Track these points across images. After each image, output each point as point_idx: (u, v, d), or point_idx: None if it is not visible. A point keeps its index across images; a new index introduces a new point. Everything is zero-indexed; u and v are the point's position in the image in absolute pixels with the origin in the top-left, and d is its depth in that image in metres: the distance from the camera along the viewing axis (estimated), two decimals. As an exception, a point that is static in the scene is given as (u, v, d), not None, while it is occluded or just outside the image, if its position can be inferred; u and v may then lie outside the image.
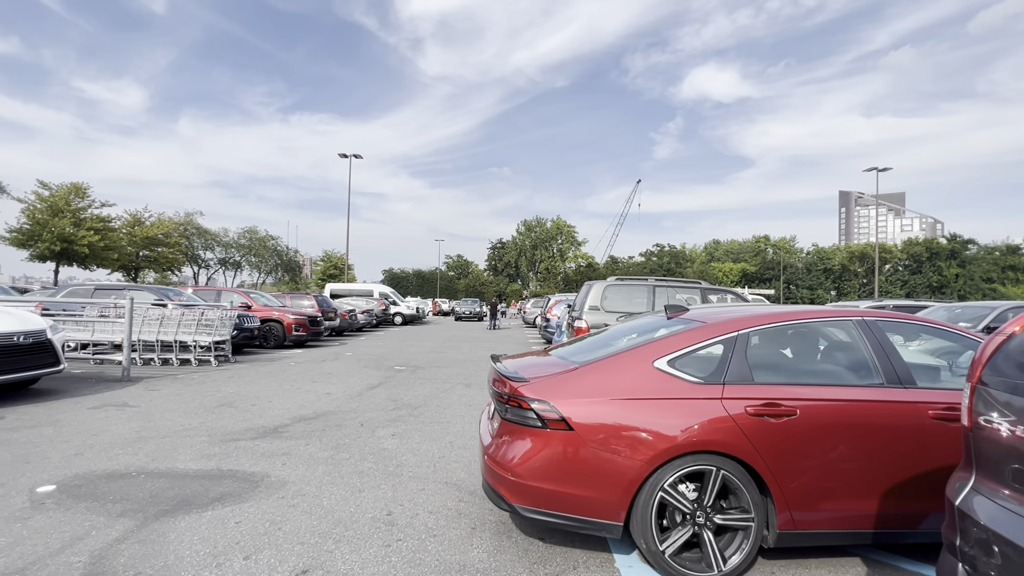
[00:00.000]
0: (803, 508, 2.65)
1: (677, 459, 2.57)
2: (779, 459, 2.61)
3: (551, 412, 2.63)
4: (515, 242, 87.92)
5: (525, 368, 3.02)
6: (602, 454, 2.57)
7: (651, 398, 2.67)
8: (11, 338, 6.19)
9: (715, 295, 9.72)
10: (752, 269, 73.32)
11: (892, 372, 2.86)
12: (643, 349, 2.90)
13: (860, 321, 3.06)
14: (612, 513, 2.57)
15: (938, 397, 2.80)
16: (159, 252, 47.59)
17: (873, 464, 2.69)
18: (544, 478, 2.60)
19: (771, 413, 2.65)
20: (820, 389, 2.78)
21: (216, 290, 16.85)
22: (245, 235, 65.75)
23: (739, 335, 2.90)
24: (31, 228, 37.55)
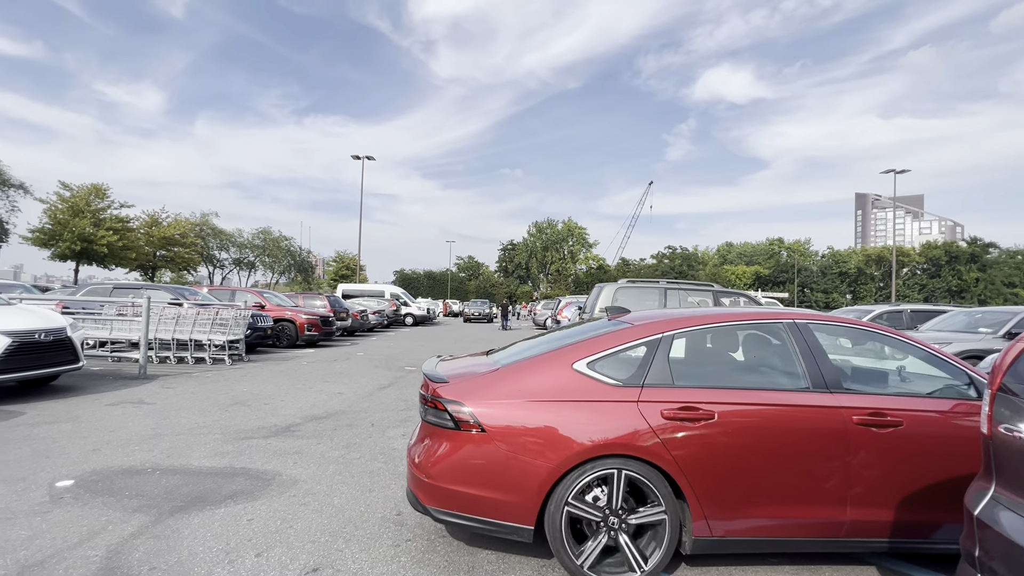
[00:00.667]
0: (720, 514, 2.59)
1: (589, 462, 2.52)
2: (695, 464, 2.55)
3: (464, 413, 2.59)
4: (526, 244, 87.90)
5: (453, 370, 2.96)
6: (513, 456, 2.53)
7: (567, 400, 2.63)
8: (33, 335, 6.34)
9: (727, 298, 9.63)
10: (765, 272, 72.48)
11: (819, 376, 2.76)
12: (564, 351, 2.85)
13: (791, 324, 2.96)
14: (523, 517, 2.53)
15: (865, 402, 2.70)
16: (175, 252, 48.38)
17: (793, 470, 2.62)
18: (456, 480, 2.57)
19: (688, 417, 2.59)
20: (741, 393, 2.71)
21: (230, 290, 17.09)
22: (259, 236, 66.63)
23: (663, 337, 2.85)
24: (52, 228, 38.41)
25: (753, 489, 2.60)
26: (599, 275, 71.15)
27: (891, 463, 2.64)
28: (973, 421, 2.70)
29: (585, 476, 2.52)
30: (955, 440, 2.68)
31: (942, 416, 2.72)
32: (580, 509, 2.53)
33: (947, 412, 2.73)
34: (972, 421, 2.70)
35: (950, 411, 2.73)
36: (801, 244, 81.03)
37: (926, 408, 2.72)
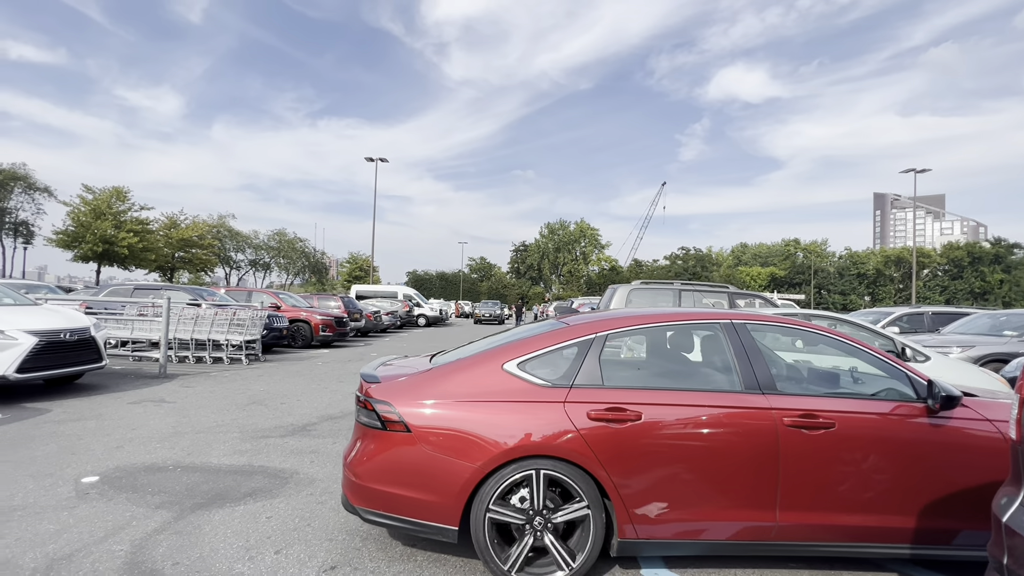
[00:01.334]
0: (645, 516, 2.56)
1: (513, 463, 2.51)
2: (620, 465, 2.53)
3: (391, 413, 2.60)
4: (538, 245, 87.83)
5: (390, 371, 2.94)
6: (437, 457, 2.53)
7: (494, 401, 2.61)
8: (58, 335, 6.51)
9: (743, 299, 9.53)
10: (781, 273, 71.49)
11: (752, 377, 2.72)
12: (497, 351, 2.83)
13: (728, 324, 2.91)
14: (447, 517, 2.52)
15: (797, 403, 2.65)
16: (193, 253, 49.24)
17: (722, 473, 2.58)
18: (383, 480, 2.58)
19: (615, 418, 2.56)
20: (671, 394, 2.67)
21: (247, 291, 17.34)
22: (274, 237, 67.55)
23: (595, 337, 2.81)
24: (76, 230, 39.35)
25: (680, 491, 2.57)
26: (611, 276, 70.81)
27: (824, 465, 2.59)
28: (910, 422, 2.65)
29: (509, 477, 2.51)
30: (891, 441, 2.62)
31: (878, 417, 2.66)
32: (501, 514, 2.52)
33: (883, 413, 2.67)
34: (909, 422, 2.65)
35: (887, 412, 2.68)
36: (818, 245, 79.72)
37: (860, 409, 2.67)
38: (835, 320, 6.30)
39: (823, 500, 2.59)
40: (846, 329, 6.31)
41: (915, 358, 5.76)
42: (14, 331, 6.09)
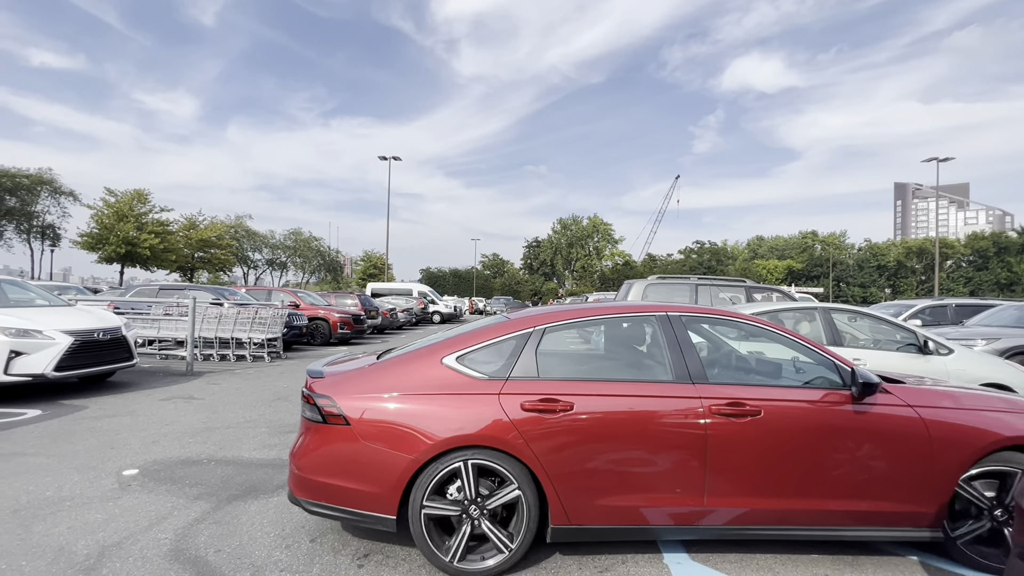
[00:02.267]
0: (577, 503, 2.64)
1: (448, 454, 2.58)
2: (552, 455, 2.61)
3: (332, 407, 2.67)
4: (551, 240, 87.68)
5: (337, 367, 3.00)
6: (375, 449, 2.59)
7: (432, 394, 2.68)
8: (92, 334, 6.75)
9: (760, 293, 9.47)
10: (799, 266, 70.42)
11: (683, 368, 2.81)
12: (437, 346, 2.90)
13: (663, 317, 3.00)
14: (385, 507, 2.59)
15: (725, 392, 2.74)
16: (212, 254, 50.21)
17: (652, 460, 2.67)
18: (324, 472, 2.64)
19: (547, 409, 2.64)
20: (603, 385, 2.76)
21: (267, 290, 17.68)
22: (290, 236, 68.49)
23: (533, 331, 2.90)
24: (99, 232, 40.39)
25: (611, 478, 2.65)
26: (625, 271, 70.45)
27: (750, 451, 2.68)
28: (834, 408, 2.75)
29: (443, 468, 2.58)
30: (815, 427, 2.72)
31: (804, 404, 2.76)
32: (435, 507, 2.59)
33: (809, 400, 2.77)
34: (833, 408, 2.75)
35: (812, 399, 2.78)
36: (836, 237, 78.31)
37: (787, 397, 2.77)
38: (855, 313, 6.26)
39: (750, 485, 2.70)
40: (866, 322, 6.26)
41: (938, 351, 5.70)
42: (52, 331, 6.34)
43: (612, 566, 2.75)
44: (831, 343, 5.75)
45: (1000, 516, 2.74)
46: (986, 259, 61.82)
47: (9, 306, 6.91)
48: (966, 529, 2.78)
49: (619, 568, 2.73)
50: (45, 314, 6.79)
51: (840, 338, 5.81)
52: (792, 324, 6.27)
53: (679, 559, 2.84)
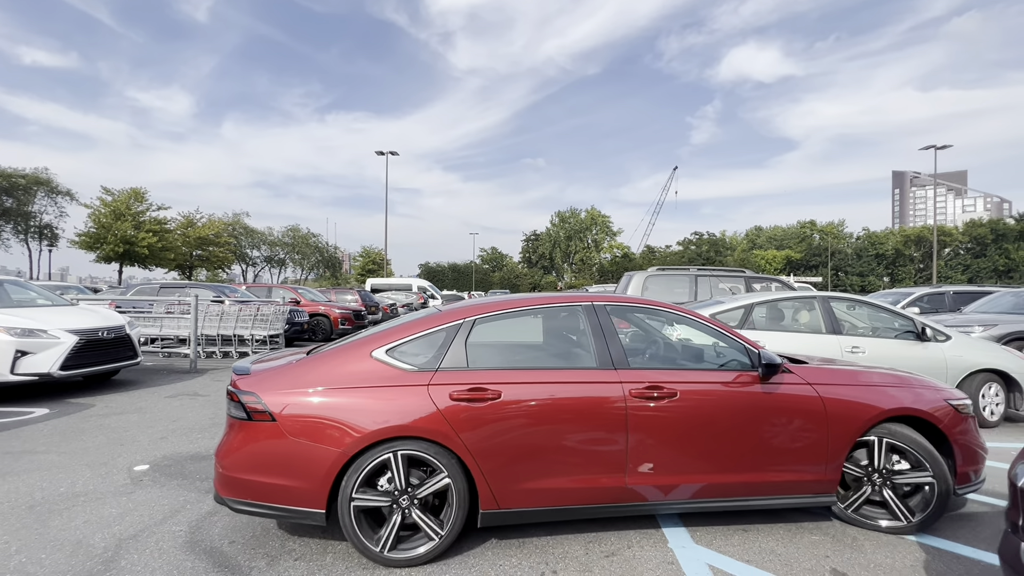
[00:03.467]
0: (506, 487, 2.72)
1: (377, 446, 2.61)
2: (481, 442, 2.68)
3: (256, 403, 2.65)
4: (549, 234, 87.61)
5: (265, 363, 2.97)
6: (302, 444, 2.59)
7: (360, 387, 2.69)
8: (97, 333, 6.79)
9: (759, 283, 9.53)
10: (797, 256, 70.48)
11: (606, 355, 2.96)
12: (367, 339, 2.92)
13: (588, 306, 3.13)
14: (313, 502, 2.59)
15: (644, 377, 2.91)
16: (210, 251, 50.12)
17: (577, 443, 2.79)
18: (250, 470, 2.62)
19: (476, 398, 2.71)
20: (530, 373, 2.85)
21: (267, 287, 17.70)
22: (288, 233, 68.37)
23: (463, 323, 2.96)
24: (97, 231, 40.26)
25: (538, 462, 2.75)
26: (624, 263, 70.51)
27: (667, 431, 2.86)
28: (743, 388, 2.98)
29: (373, 460, 2.60)
30: (726, 406, 2.94)
31: (716, 385, 2.97)
32: (364, 500, 2.61)
33: (721, 382, 2.98)
34: (743, 388, 2.98)
35: (724, 381, 2.99)
36: (834, 226, 78.32)
37: (701, 379, 2.98)
38: (853, 302, 6.32)
39: (668, 462, 2.87)
40: (865, 310, 6.32)
41: (935, 338, 5.76)
42: (56, 331, 6.38)
43: (618, 551, 2.82)
44: (830, 331, 5.81)
45: (879, 480, 3.08)
46: (984, 246, 61.93)
47: (12, 306, 6.94)
48: (854, 493, 3.12)
49: (624, 553, 2.80)
50: (49, 314, 6.82)
51: (839, 326, 5.87)
52: (791, 313, 6.33)
53: (683, 543, 2.91)
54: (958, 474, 3.09)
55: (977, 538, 3.01)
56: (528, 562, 2.70)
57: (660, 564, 2.69)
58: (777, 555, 2.80)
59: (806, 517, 3.26)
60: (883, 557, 2.79)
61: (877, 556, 2.80)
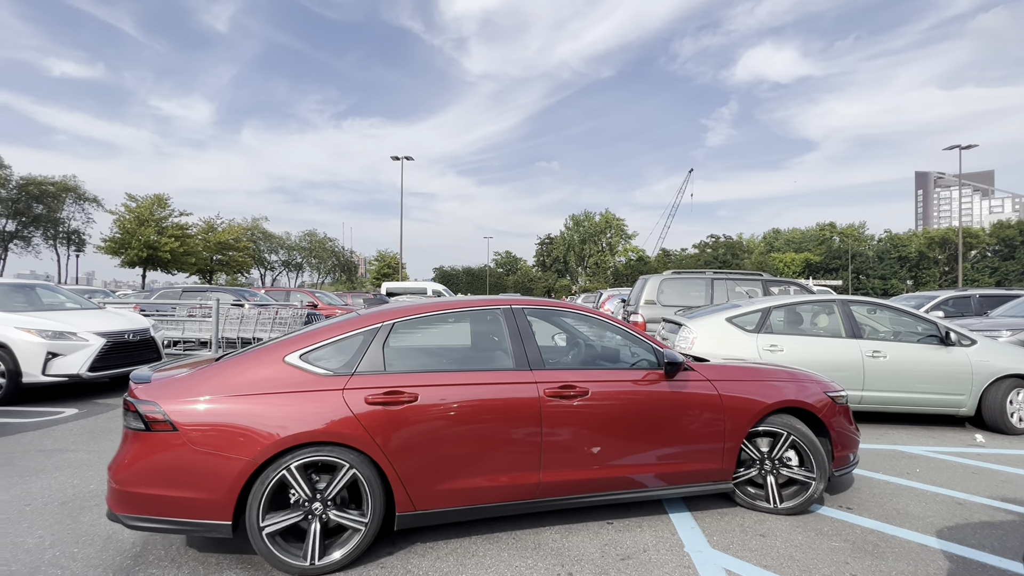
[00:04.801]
0: (422, 489, 2.73)
1: (287, 453, 2.54)
2: (396, 444, 2.67)
3: (156, 413, 2.51)
4: (563, 237, 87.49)
5: (167, 371, 2.85)
6: (206, 454, 2.48)
7: (271, 393, 2.61)
8: (123, 336, 7.00)
9: (777, 287, 9.41)
10: (816, 259, 69.25)
11: (523, 356, 3.03)
12: (280, 344, 2.85)
13: (507, 309, 3.21)
14: (219, 514, 2.49)
15: (557, 377, 3.01)
16: (230, 256, 51.13)
17: (492, 442, 2.84)
18: (147, 483, 2.48)
19: (392, 401, 2.71)
20: (447, 375, 2.88)
21: (285, 290, 18.02)
22: (305, 238, 69.41)
23: (381, 327, 2.95)
24: (122, 237, 41.38)
25: (455, 463, 2.78)
26: (639, 267, 70.04)
27: (579, 428, 2.98)
28: (651, 385, 3.16)
29: (284, 468, 2.53)
30: (635, 402, 3.10)
31: (625, 383, 3.13)
32: (275, 523, 2.52)
33: (630, 380, 3.15)
34: (650, 385, 3.16)
35: (634, 379, 3.16)
36: (855, 228, 76.78)
37: (611, 378, 3.12)
38: (874, 305, 6.21)
39: (580, 458, 2.98)
40: (886, 314, 6.21)
41: (960, 342, 5.64)
42: (85, 333, 6.58)
43: (633, 554, 2.82)
44: (850, 335, 5.72)
45: (769, 467, 3.35)
46: (1013, 248, 60.08)
47: (44, 309, 7.19)
48: (744, 478, 3.38)
49: (640, 556, 2.80)
50: (78, 316, 7.05)
51: (859, 330, 5.78)
52: (810, 317, 6.25)
53: (699, 547, 2.90)
54: (836, 458, 3.44)
55: (1004, 547, 2.94)
56: (544, 564, 2.71)
57: (676, 568, 2.68)
58: (796, 561, 2.77)
59: (825, 524, 3.22)
60: (906, 565, 2.74)
61: (900, 564, 2.75)
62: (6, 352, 6.20)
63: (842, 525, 3.21)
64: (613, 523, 3.19)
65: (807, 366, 5.60)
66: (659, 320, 7.81)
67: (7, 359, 6.19)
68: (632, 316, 8.90)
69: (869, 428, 5.68)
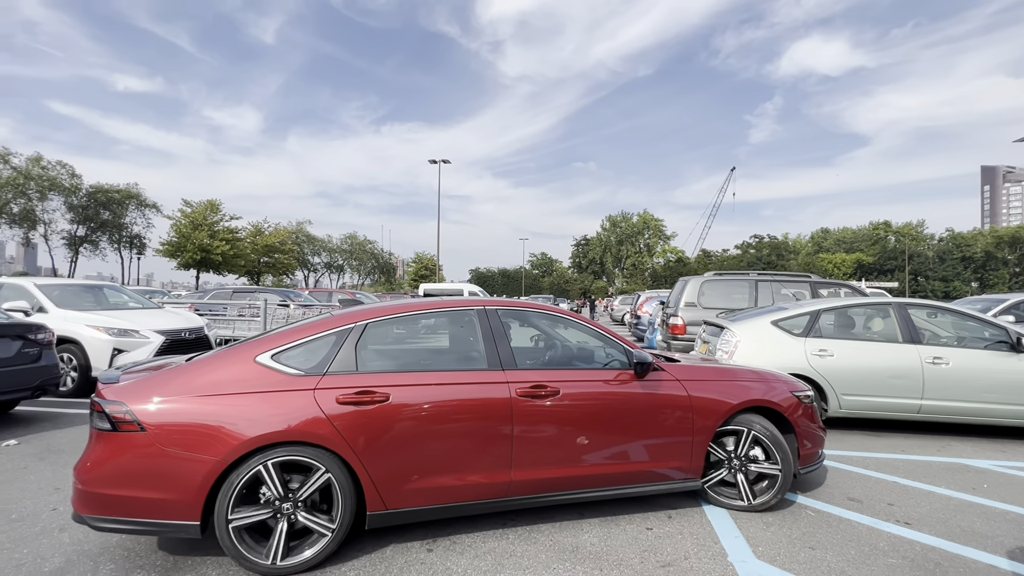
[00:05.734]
0: (393, 488, 2.72)
1: (258, 453, 2.52)
2: (367, 444, 2.66)
3: (123, 413, 2.48)
4: (600, 238, 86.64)
5: (136, 373, 2.80)
6: (174, 454, 2.45)
7: (240, 393, 2.59)
8: (180, 334, 7.41)
9: (827, 289, 9.00)
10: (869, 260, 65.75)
11: (495, 357, 3.05)
12: (250, 345, 2.83)
13: (480, 311, 3.22)
14: (187, 514, 2.46)
15: (529, 377, 3.03)
16: (276, 258, 53.32)
17: (463, 442, 2.84)
18: (114, 484, 2.45)
19: (363, 400, 2.70)
20: (419, 375, 2.89)
21: (328, 291, 18.62)
22: (346, 241, 71.61)
23: (353, 327, 2.94)
24: (178, 241, 43.85)
25: (427, 462, 2.78)
26: (678, 268, 68.42)
27: (549, 427, 3.00)
28: (622, 385, 3.19)
29: (256, 467, 2.51)
30: (606, 402, 3.13)
31: (598, 383, 3.16)
32: (243, 517, 2.51)
33: (602, 380, 3.18)
34: (621, 385, 3.19)
35: (606, 379, 3.19)
36: (913, 227, 72.35)
37: (582, 378, 3.15)
38: (935, 309, 5.83)
39: (551, 456, 3.01)
40: (949, 318, 5.83)
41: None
42: (147, 331, 7.02)
43: (674, 561, 2.76)
44: (907, 340, 5.40)
45: (737, 465, 3.40)
46: (1094, 248, 55.19)
47: (110, 308, 7.71)
48: (716, 479, 3.43)
49: (681, 564, 2.73)
50: (139, 315, 7.51)
51: (918, 335, 5.45)
52: (863, 321, 5.94)
53: (744, 557, 2.80)
54: (802, 455, 3.50)
55: None
56: (582, 567, 2.69)
57: (719, 578, 2.60)
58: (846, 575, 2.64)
59: (881, 539, 3.05)
60: None
61: (964, 585, 2.57)
62: (78, 348, 6.69)
63: (900, 541, 3.03)
64: (653, 529, 3.13)
65: (860, 372, 5.34)
66: (699, 323, 7.61)
67: (78, 354, 6.67)
68: (671, 319, 8.71)
69: (929, 439, 5.35)
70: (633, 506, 3.46)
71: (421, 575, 2.60)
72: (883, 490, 3.87)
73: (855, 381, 5.37)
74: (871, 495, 3.76)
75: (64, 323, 6.81)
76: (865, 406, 5.38)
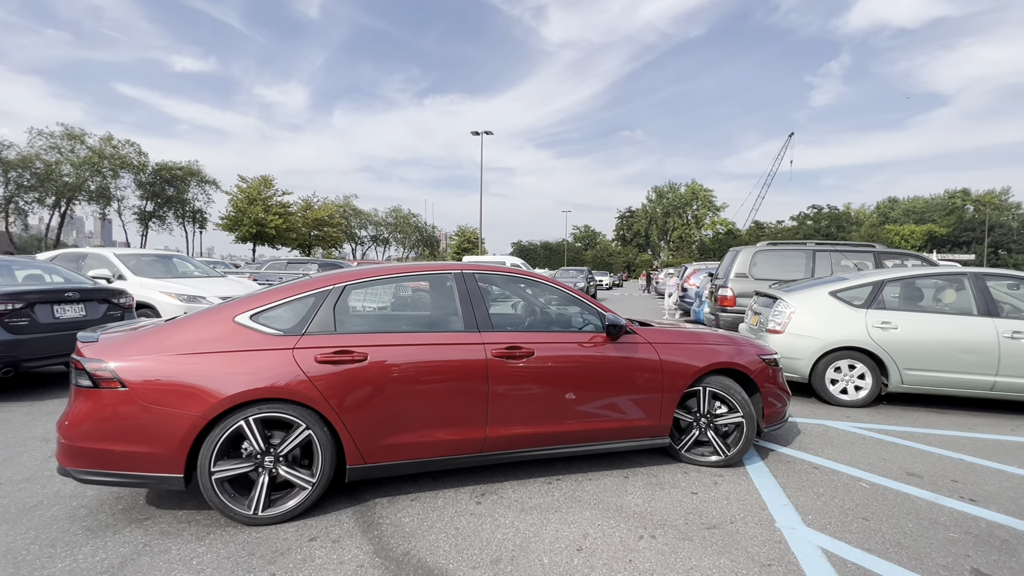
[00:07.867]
0: (371, 443, 2.81)
1: (238, 409, 2.60)
2: (345, 401, 2.74)
3: (103, 370, 2.54)
4: (645, 210, 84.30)
5: (115, 331, 2.86)
6: (157, 409, 2.53)
7: (220, 352, 2.65)
8: (242, 300, 7.89)
9: (892, 259, 8.43)
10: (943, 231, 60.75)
11: (472, 319, 3.13)
12: (232, 305, 2.88)
13: (457, 275, 3.27)
14: (170, 467, 2.54)
15: (505, 338, 3.11)
16: (325, 232, 55.21)
17: (440, 400, 2.93)
18: (98, 439, 2.52)
19: (341, 360, 2.77)
20: (397, 336, 2.96)
21: (375, 263, 19.20)
22: (391, 214, 73.08)
23: (332, 289, 3.00)
24: (235, 215, 46.12)
25: (404, 419, 2.87)
26: (728, 240, 65.79)
27: (524, 386, 3.10)
28: (595, 346, 3.30)
29: (236, 423, 2.60)
30: (578, 362, 3.24)
31: (571, 344, 3.26)
32: (225, 470, 2.60)
33: (576, 342, 3.28)
34: (594, 346, 3.30)
35: (579, 341, 3.30)
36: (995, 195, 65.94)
37: (557, 340, 3.24)
38: (1018, 279, 5.37)
39: (525, 414, 3.11)
40: (1033, 290, 5.35)
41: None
42: (212, 297, 7.51)
43: (720, 524, 2.77)
44: (983, 313, 5.04)
45: (704, 423, 3.56)
46: None
47: (179, 276, 8.29)
48: (686, 436, 3.59)
49: (727, 527, 2.74)
50: (205, 283, 8.05)
51: (996, 308, 5.06)
52: (933, 292, 5.56)
53: (792, 524, 2.77)
54: (766, 415, 3.68)
55: None
56: (627, 524, 2.75)
57: (766, 542, 2.60)
58: (905, 548, 2.56)
59: (943, 514, 2.94)
60: None
61: None
62: (153, 312, 7.25)
63: (963, 517, 2.91)
64: (698, 494, 3.14)
65: (926, 346, 5.04)
66: (750, 295, 7.35)
67: (153, 318, 7.22)
68: (720, 290, 8.44)
69: (1002, 418, 5.02)
70: (679, 472, 3.48)
71: (471, 525, 2.74)
72: (947, 466, 3.70)
73: (921, 355, 5.08)
74: (933, 471, 3.60)
75: (141, 289, 7.39)
76: (931, 382, 5.10)
